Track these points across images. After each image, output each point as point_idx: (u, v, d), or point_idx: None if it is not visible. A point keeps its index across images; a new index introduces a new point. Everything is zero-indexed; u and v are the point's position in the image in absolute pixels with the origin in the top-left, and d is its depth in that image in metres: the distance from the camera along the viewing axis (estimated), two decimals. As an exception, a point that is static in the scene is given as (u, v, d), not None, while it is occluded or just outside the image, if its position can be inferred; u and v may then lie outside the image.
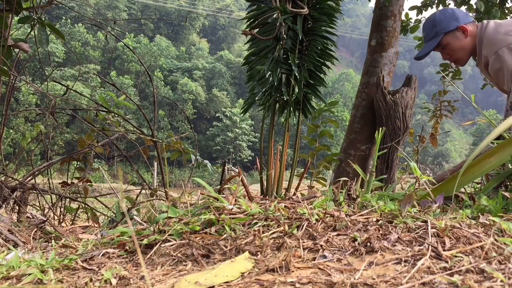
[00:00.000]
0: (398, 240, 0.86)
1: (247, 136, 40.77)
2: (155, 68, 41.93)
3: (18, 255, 1.04)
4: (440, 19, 2.40)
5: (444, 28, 2.36)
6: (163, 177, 2.62)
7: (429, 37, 2.46)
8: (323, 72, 2.09)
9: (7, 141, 16.81)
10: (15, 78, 2.33)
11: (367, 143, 3.39)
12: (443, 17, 2.40)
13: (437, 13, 2.46)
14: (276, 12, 1.93)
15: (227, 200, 1.25)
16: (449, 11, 2.43)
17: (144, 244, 1.06)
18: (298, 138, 2.10)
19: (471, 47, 2.35)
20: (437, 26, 2.39)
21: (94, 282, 0.86)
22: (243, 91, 44.38)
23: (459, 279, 0.65)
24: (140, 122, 22.47)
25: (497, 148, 1.20)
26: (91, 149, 2.49)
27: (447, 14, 2.40)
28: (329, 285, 0.70)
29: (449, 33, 2.35)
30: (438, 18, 2.41)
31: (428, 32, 2.47)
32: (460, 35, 2.35)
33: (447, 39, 2.37)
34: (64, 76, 32.67)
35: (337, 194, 1.34)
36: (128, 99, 2.70)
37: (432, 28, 2.42)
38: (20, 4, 2.26)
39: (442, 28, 2.37)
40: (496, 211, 1.02)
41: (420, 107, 5.98)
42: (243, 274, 0.80)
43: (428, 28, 2.46)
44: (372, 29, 3.58)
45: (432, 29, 2.43)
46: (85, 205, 2.37)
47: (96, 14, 27.48)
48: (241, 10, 48.58)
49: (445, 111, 5.00)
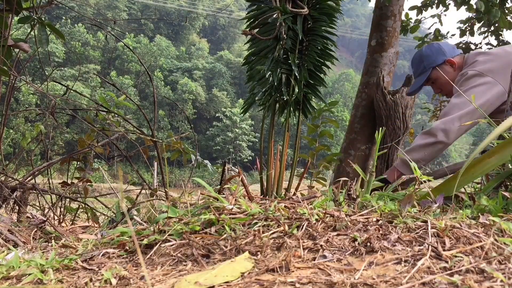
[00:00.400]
0: (398, 240, 0.86)
1: (247, 136, 40.78)
2: (155, 68, 41.94)
3: (18, 255, 1.04)
4: (427, 54, 2.42)
5: (431, 63, 2.38)
6: (163, 177, 2.62)
7: (418, 73, 2.48)
8: (323, 72, 2.09)
9: (7, 141, 16.81)
10: (15, 78, 2.33)
11: (367, 143, 3.39)
12: (429, 52, 2.41)
13: (423, 48, 2.49)
14: (276, 12, 1.93)
15: (227, 200, 1.25)
16: (435, 45, 2.44)
17: (144, 244, 1.06)
18: (298, 138, 2.10)
19: None
20: (425, 61, 2.41)
21: (94, 282, 0.86)
22: (243, 91, 44.38)
23: (459, 279, 0.65)
24: (140, 122, 22.47)
25: (497, 148, 1.20)
26: (91, 149, 2.49)
27: (433, 48, 2.42)
28: (329, 285, 0.70)
29: (437, 67, 2.37)
30: (425, 53, 2.43)
31: (416, 67, 2.49)
32: (448, 68, 2.36)
33: (435, 74, 2.38)
34: (64, 76, 32.67)
35: (337, 194, 1.34)
36: (128, 99, 2.70)
37: (420, 63, 2.45)
38: (20, 4, 2.26)
39: (429, 62, 2.39)
40: (496, 211, 1.02)
41: (420, 107, 5.98)
42: (243, 274, 0.80)
43: (416, 63, 2.49)
44: (372, 29, 3.58)
45: (420, 64, 2.45)
46: (85, 205, 2.37)
47: (96, 14, 27.49)
48: (241, 10, 48.59)
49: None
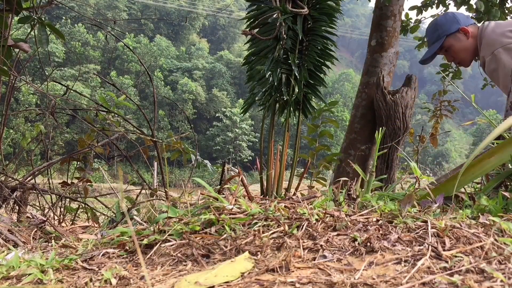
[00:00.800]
0: (398, 240, 0.86)
1: (247, 136, 40.78)
2: (155, 68, 41.94)
3: (18, 255, 1.04)
4: (441, 23, 2.44)
5: (445, 31, 2.40)
6: (163, 177, 2.62)
7: (432, 41, 2.50)
8: (323, 72, 2.09)
9: (7, 141, 16.81)
10: (15, 78, 2.33)
11: (367, 143, 3.39)
12: (444, 20, 2.44)
13: (438, 17, 2.51)
14: (276, 12, 1.93)
15: (227, 200, 1.25)
16: (450, 14, 2.47)
17: (144, 244, 1.06)
18: (298, 138, 2.10)
19: (474, 48, 2.38)
20: (439, 29, 2.44)
21: (94, 282, 0.86)
22: (243, 91, 44.39)
23: (459, 279, 0.65)
24: (140, 122, 22.46)
25: (497, 148, 1.20)
26: (91, 149, 2.49)
27: (448, 17, 2.45)
28: (329, 285, 0.70)
29: (451, 35, 2.40)
30: (439, 22, 2.46)
31: (430, 36, 2.51)
32: (462, 36, 2.38)
33: (449, 41, 2.41)
34: (64, 76, 32.67)
35: (337, 194, 1.34)
36: (128, 99, 2.70)
37: (434, 32, 2.47)
38: (20, 4, 2.26)
39: (444, 30, 2.41)
40: (496, 211, 1.02)
41: (420, 107, 5.98)
42: (243, 274, 0.80)
43: (431, 32, 2.51)
44: (372, 29, 3.58)
45: (434, 32, 2.47)
46: (85, 205, 2.37)
47: (96, 14, 27.49)
48: (241, 10, 48.59)
49: (445, 111, 5.00)
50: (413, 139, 3.65)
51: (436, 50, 2.45)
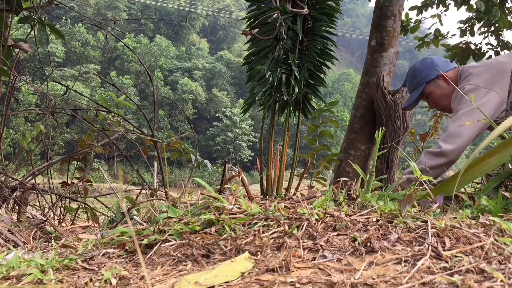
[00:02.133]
0: (398, 240, 0.86)
1: (247, 136, 40.78)
2: (155, 68, 41.94)
3: (18, 255, 1.04)
4: (419, 69, 2.42)
5: (425, 78, 2.38)
6: (163, 177, 2.62)
7: (411, 88, 2.48)
8: (323, 72, 2.09)
9: (7, 141, 16.82)
10: (15, 78, 2.33)
11: (367, 143, 3.39)
12: (422, 67, 2.41)
13: (416, 63, 2.48)
14: (276, 12, 1.93)
15: (227, 200, 1.25)
16: (428, 60, 2.44)
17: (144, 244, 1.06)
18: (298, 138, 2.10)
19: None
20: (418, 76, 2.41)
21: (94, 282, 0.86)
22: (243, 91, 44.39)
23: (459, 279, 0.65)
24: (140, 122, 22.47)
25: (497, 148, 1.20)
26: (91, 149, 2.49)
27: (426, 63, 2.41)
28: (329, 285, 0.70)
29: (430, 82, 2.37)
30: (417, 68, 2.43)
31: (410, 82, 2.48)
32: (441, 83, 2.35)
33: (429, 88, 2.38)
34: (64, 76, 32.67)
35: (337, 194, 1.34)
36: (128, 99, 2.70)
37: (413, 79, 2.44)
38: (20, 4, 2.26)
39: (423, 77, 2.38)
40: (496, 211, 1.02)
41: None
42: (243, 274, 0.80)
43: (410, 79, 2.48)
44: (372, 29, 3.58)
45: (413, 79, 2.44)
46: (85, 205, 2.37)
47: (96, 14, 27.49)
48: (241, 10, 48.59)
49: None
50: (414, 139, 3.65)
51: (417, 97, 2.42)
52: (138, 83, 38.06)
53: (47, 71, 11.79)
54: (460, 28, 5.31)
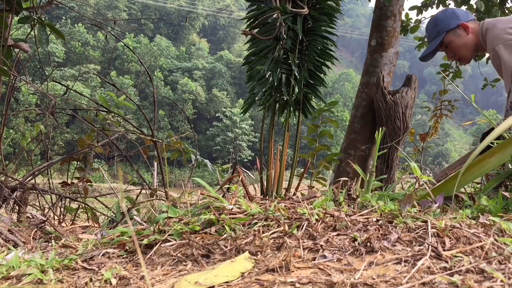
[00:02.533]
0: (398, 240, 0.86)
1: (247, 136, 40.78)
2: (155, 68, 41.95)
3: (18, 255, 1.03)
4: (441, 18, 2.43)
5: (445, 27, 2.39)
6: (163, 177, 2.62)
7: (431, 37, 2.48)
8: (323, 72, 2.09)
9: (7, 141, 16.82)
10: (15, 78, 2.33)
11: (367, 143, 3.39)
12: (443, 16, 2.43)
13: (438, 13, 2.50)
14: (276, 12, 1.93)
15: (227, 200, 1.25)
16: (449, 10, 2.46)
17: (144, 244, 1.06)
18: (298, 138, 2.10)
19: (474, 44, 2.37)
20: (439, 25, 2.42)
21: (94, 282, 0.86)
22: (243, 91, 44.39)
23: (459, 279, 0.65)
24: (140, 122, 22.47)
25: (497, 148, 1.19)
26: (91, 149, 2.49)
27: (448, 13, 2.44)
28: (329, 285, 0.70)
29: (450, 31, 2.38)
30: (439, 18, 2.44)
31: (430, 32, 2.49)
32: (461, 32, 2.37)
33: (449, 37, 2.39)
34: (64, 76, 32.68)
35: (337, 194, 1.34)
36: (128, 99, 2.70)
37: (434, 28, 2.45)
38: (20, 4, 2.26)
39: (443, 26, 2.39)
40: (496, 211, 1.02)
41: (420, 107, 5.98)
42: (243, 274, 0.80)
43: (430, 28, 2.49)
44: (372, 29, 3.58)
45: (434, 28, 2.45)
46: (85, 205, 2.37)
47: (96, 14, 27.48)
48: (241, 10, 48.59)
49: (445, 110, 5.00)
50: (413, 139, 3.65)
51: (436, 46, 2.43)
52: (138, 83, 38.06)
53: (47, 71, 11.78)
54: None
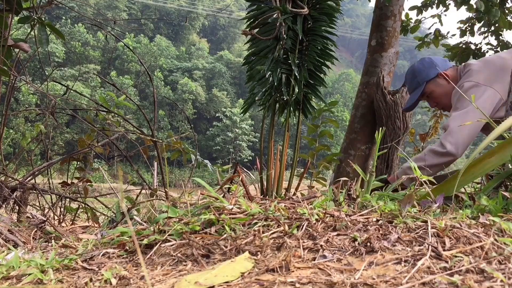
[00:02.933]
0: (398, 240, 0.86)
1: (247, 136, 40.78)
2: (155, 68, 41.95)
3: (18, 255, 1.03)
4: (419, 69, 2.43)
5: (424, 77, 2.39)
6: (163, 177, 2.62)
7: (412, 88, 2.48)
8: (323, 72, 2.09)
9: (7, 141, 16.82)
10: (15, 78, 2.33)
11: (367, 143, 3.39)
12: (422, 67, 2.42)
13: (415, 64, 2.49)
14: (276, 12, 1.93)
15: (227, 200, 1.25)
16: (426, 60, 2.45)
17: (144, 244, 1.06)
18: (298, 138, 2.10)
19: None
20: (418, 76, 2.42)
21: (94, 282, 0.86)
22: (243, 91, 44.39)
23: (459, 279, 0.65)
24: (140, 122, 22.48)
25: (497, 148, 1.19)
26: (91, 149, 2.49)
27: (426, 63, 2.43)
28: (329, 285, 0.70)
29: (430, 81, 2.38)
30: (417, 68, 2.44)
31: (410, 83, 2.49)
32: (441, 81, 2.36)
33: (430, 87, 2.39)
34: (64, 76, 32.68)
35: (337, 194, 1.34)
36: (128, 99, 2.70)
37: (413, 79, 2.45)
38: (20, 4, 2.26)
39: (423, 77, 2.39)
40: (496, 211, 1.02)
41: (420, 107, 5.97)
42: (243, 274, 0.80)
43: (410, 79, 2.49)
44: (372, 29, 3.58)
45: (413, 79, 2.45)
46: (85, 205, 2.37)
47: (96, 14, 27.48)
48: (241, 10, 48.59)
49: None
50: (414, 139, 3.64)
51: (418, 97, 2.43)
52: (138, 83, 38.04)
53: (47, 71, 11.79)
54: (460, 28, 5.31)
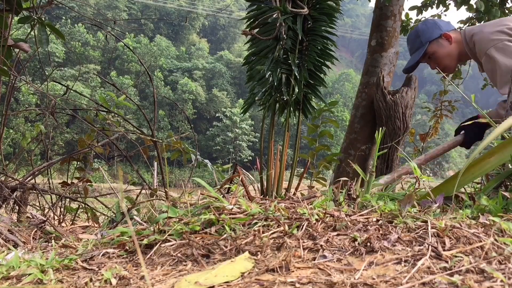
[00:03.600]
0: (398, 240, 0.86)
1: (247, 136, 40.77)
2: (155, 68, 41.94)
3: (18, 255, 1.03)
4: (423, 29, 2.42)
5: (428, 37, 2.38)
6: (163, 177, 2.62)
7: (414, 48, 2.48)
8: (323, 72, 2.09)
9: (7, 141, 16.81)
10: (15, 78, 2.33)
11: (367, 143, 3.39)
12: (425, 27, 2.42)
13: (419, 25, 2.48)
14: (276, 12, 1.93)
15: (227, 200, 1.25)
16: (430, 21, 2.45)
17: (144, 244, 1.06)
18: (298, 138, 2.10)
19: (457, 53, 2.37)
20: (421, 36, 2.41)
21: (94, 282, 0.86)
22: (243, 91, 44.39)
23: (459, 279, 0.65)
24: (140, 122, 22.48)
25: (497, 148, 1.19)
26: (91, 149, 2.49)
27: (429, 24, 2.43)
28: (329, 285, 0.70)
29: (433, 42, 2.37)
30: (421, 29, 2.43)
31: (412, 43, 2.48)
32: (444, 42, 2.36)
33: (432, 48, 2.38)
34: (64, 76, 32.67)
35: (337, 194, 1.34)
36: (128, 99, 2.70)
37: (416, 39, 2.44)
38: (20, 4, 2.26)
39: (426, 37, 2.39)
40: (496, 211, 1.02)
41: (420, 107, 5.98)
42: (243, 274, 0.80)
43: (412, 40, 2.48)
44: (372, 29, 3.58)
45: (416, 39, 2.45)
46: (85, 205, 2.37)
47: (96, 14, 27.48)
48: (241, 10, 48.59)
49: (445, 111, 5.00)
50: (414, 139, 3.64)
51: (419, 58, 2.42)
52: (138, 83, 38.02)
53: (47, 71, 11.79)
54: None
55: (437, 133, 4.81)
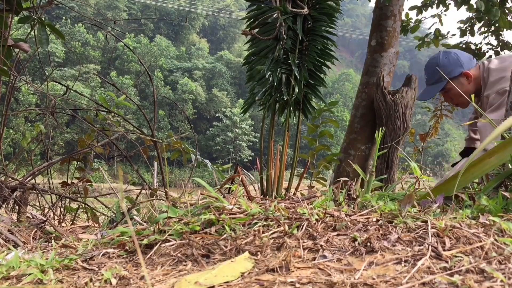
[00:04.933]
0: (398, 240, 0.86)
1: (247, 136, 40.76)
2: (155, 68, 41.93)
3: (18, 255, 1.03)
4: (444, 64, 2.35)
5: (448, 74, 2.31)
6: (163, 177, 2.62)
7: (432, 81, 2.42)
8: (323, 72, 2.09)
9: (7, 141, 16.82)
10: (15, 78, 2.33)
11: (367, 143, 3.39)
12: (447, 62, 2.35)
13: (440, 57, 2.41)
14: (276, 12, 1.93)
15: (227, 200, 1.25)
16: (453, 55, 2.37)
17: (144, 244, 1.06)
18: (298, 138, 2.10)
19: (474, 91, 2.32)
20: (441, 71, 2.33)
21: (94, 282, 0.86)
22: (243, 91, 44.38)
23: (459, 279, 0.65)
24: (140, 122, 22.47)
25: (497, 148, 1.19)
26: (91, 149, 2.49)
27: (451, 59, 2.36)
28: (329, 285, 0.70)
29: (453, 79, 2.31)
30: (442, 63, 2.36)
31: (431, 75, 2.42)
32: (464, 80, 2.32)
33: (450, 84, 2.32)
34: (64, 76, 32.66)
35: (337, 194, 1.34)
36: (128, 99, 2.70)
37: (436, 72, 2.37)
38: (20, 4, 2.26)
39: (446, 73, 2.31)
40: (496, 211, 1.02)
41: (420, 107, 5.98)
42: (243, 274, 0.80)
43: (432, 72, 2.41)
44: (372, 29, 3.58)
45: (435, 73, 2.38)
46: (85, 205, 2.37)
47: (96, 14, 27.49)
48: (241, 10, 48.58)
49: (445, 111, 5.00)
50: (414, 139, 3.64)
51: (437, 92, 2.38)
52: (138, 83, 38.02)
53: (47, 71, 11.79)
54: (460, 28, 5.31)
55: (437, 133, 4.81)
